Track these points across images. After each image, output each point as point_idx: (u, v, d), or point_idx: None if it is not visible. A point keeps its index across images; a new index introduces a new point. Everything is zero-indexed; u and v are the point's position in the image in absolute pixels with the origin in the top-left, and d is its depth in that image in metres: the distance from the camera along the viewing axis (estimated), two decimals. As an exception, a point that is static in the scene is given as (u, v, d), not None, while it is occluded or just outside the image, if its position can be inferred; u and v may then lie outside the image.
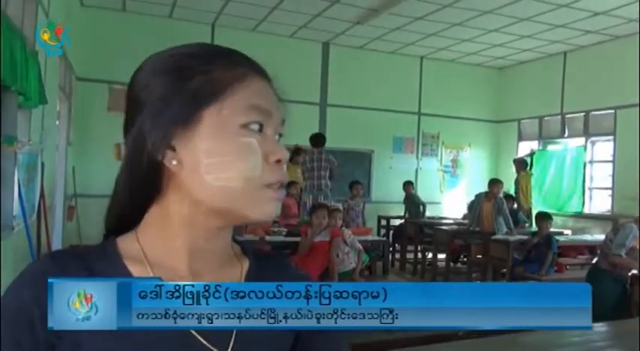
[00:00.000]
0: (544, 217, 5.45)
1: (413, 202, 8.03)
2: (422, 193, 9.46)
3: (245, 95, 0.61)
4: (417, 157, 9.63)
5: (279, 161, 0.61)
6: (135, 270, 0.60)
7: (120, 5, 7.47)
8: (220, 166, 0.58)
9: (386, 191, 9.19)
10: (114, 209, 0.64)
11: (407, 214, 8.08)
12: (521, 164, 8.22)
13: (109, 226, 0.64)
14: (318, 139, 6.63)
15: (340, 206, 5.95)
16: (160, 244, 0.62)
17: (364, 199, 7.27)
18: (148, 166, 0.59)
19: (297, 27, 8.15)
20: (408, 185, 8.20)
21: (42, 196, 4.49)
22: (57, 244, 5.84)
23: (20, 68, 3.17)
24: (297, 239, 4.76)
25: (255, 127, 0.60)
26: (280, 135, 0.65)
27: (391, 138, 9.38)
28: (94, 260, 0.59)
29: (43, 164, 4.56)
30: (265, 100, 0.62)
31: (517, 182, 8.12)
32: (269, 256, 0.75)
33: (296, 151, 6.70)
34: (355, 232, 5.05)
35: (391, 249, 7.30)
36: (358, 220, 6.68)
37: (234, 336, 0.61)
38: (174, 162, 0.59)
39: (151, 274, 0.59)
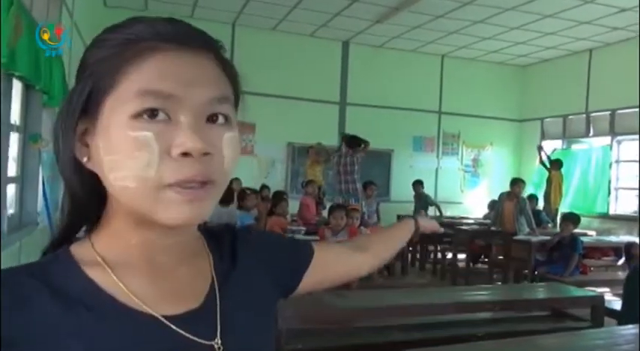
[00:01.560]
0: (571, 219, 5.35)
1: (422, 202, 7.89)
2: (442, 193, 9.38)
3: (138, 79, 0.52)
4: (438, 156, 9.55)
5: (185, 154, 0.51)
6: (95, 275, 0.54)
7: (142, 6, 7.58)
8: (114, 165, 0.52)
9: (406, 190, 9.10)
10: (67, 217, 0.59)
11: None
12: (556, 164, 8.09)
13: (58, 236, 0.59)
14: (351, 141, 6.53)
15: (360, 206, 5.94)
16: (116, 245, 0.57)
17: (379, 199, 7.22)
18: (70, 163, 0.55)
19: (317, 26, 8.15)
20: (417, 185, 8.07)
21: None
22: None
23: (44, 68, 3.23)
24: (315, 238, 4.77)
25: (148, 116, 0.51)
26: (217, 117, 0.54)
27: (411, 137, 9.32)
28: (50, 274, 0.53)
29: (66, 162, 4.65)
30: (168, 81, 0.51)
31: (549, 181, 7.97)
32: (216, 231, 0.69)
33: (317, 151, 6.65)
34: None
35: (410, 249, 7.24)
36: (372, 220, 6.63)
37: (219, 326, 0.58)
38: (84, 158, 0.55)
39: (113, 277, 0.55)
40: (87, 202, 0.58)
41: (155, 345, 0.53)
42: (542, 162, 8.25)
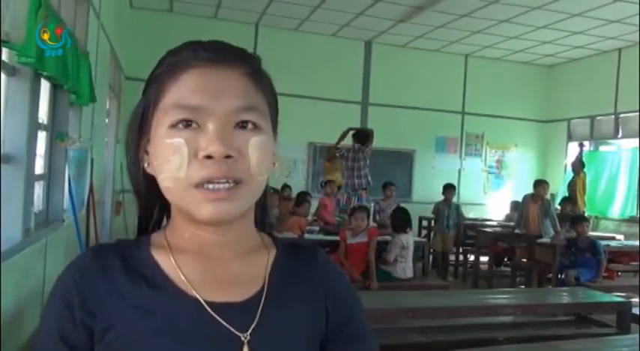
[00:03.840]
0: (580, 220, 5.23)
1: (451, 211, 6.83)
2: (464, 194, 9.28)
3: (175, 94, 0.61)
4: (460, 157, 9.44)
5: (209, 157, 0.58)
6: (159, 257, 0.65)
7: (167, 6, 7.68)
8: (159, 168, 0.61)
9: (428, 192, 9.03)
10: (138, 212, 0.71)
11: (437, 224, 6.93)
12: (579, 166, 7.92)
13: (138, 228, 0.71)
14: (360, 136, 6.54)
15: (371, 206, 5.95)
16: (177, 236, 0.66)
17: (400, 199, 7.16)
18: (134, 168, 0.67)
19: (340, 26, 8.14)
20: (450, 189, 6.99)
21: (91, 191, 4.67)
22: (105, 237, 6.06)
23: (72, 68, 3.30)
24: (334, 238, 4.77)
25: (183, 125, 0.59)
26: (246, 124, 0.61)
27: (434, 138, 9.23)
28: (128, 250, 0.65)
29: (92, 160, 4.74)
30: (198, 94, 0.60)
31: (574, 184, 7.81)
32: (300, 246, 0.74)
33: (331, 151, 6.65)
34: (383, 234, 4.95)
35: (432, 250, 7.17)
36: (389, 221, 6.58)
37: (255, 322, 0.62)
38: (146, 164, 0.65)
39: (172, 261, 0.64)
40: (151, 200, 0.68)
41: (191, 324, 0.60)
42: (579, 162, 8.05)
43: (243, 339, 0.61)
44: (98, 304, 0.60)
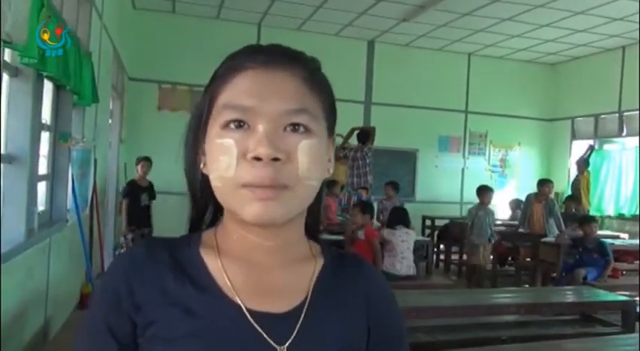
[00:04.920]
0: (588, 221, 5.21)
1: (490, 217, 5.97)
2: (468, 194, 9.24)
3: (228, 95, 0.61)
4: (464, 156, 9.42)
5: (257, 159, 0.57)
6: (207, 258, 0.65)
7: (170, 7, 7.69)
8: (210, 167, 0.62)
9: (431, 191, 9.03)
10: (191, 211, 0.71)
11: (474, 233, 5.88)
12: (584, 164, 7.89)
13: (190, 225, 0.71)
14: (361, 135, 6.55)
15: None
16: (226, 237, 0.67)
17: (404, 199, 7.15)
18: (191, 167, 0.67)
19: (343, 25, 8.13)
20: (486, 192, 6.01)
21: (94, 190, 4.68)
22: (109, 238, 6.07)
23: (74, 68, 3.31)
24: (338, 238, 4.79)
25: (234, 125, 0.60)
26: (298, 126, 0.60)
27: (437, 137, 9.21)
28: (179, 247, 0.66)
29: (96, 160, 4.75)
30: (249, 96, 0.60)
31: (578, 183, 7.78)
32: (347, 257, 0.74)
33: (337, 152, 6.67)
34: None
35: (435, 250, 7.16)
36: None
37: (294, 334, 0.61)
38: (202, 164, 0.66)
39: (218, 261, 0.64)
40: (205, 201, 0.69)
41: (229, 331, 0.60)
42: (585, 160, 8.02)
43: None
44: (143, 297, 0.61)
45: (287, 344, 0.60)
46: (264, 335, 0.60)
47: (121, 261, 0.65)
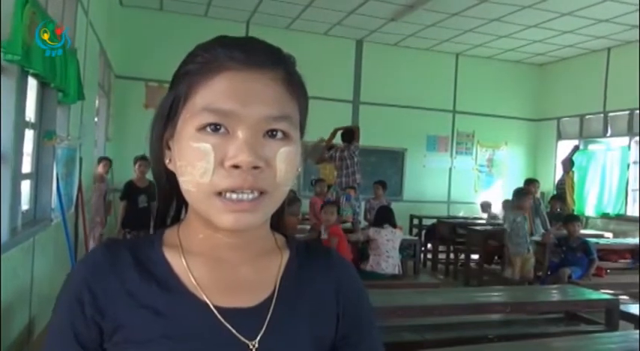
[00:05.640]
0: (571, 220, 5.26)
1: (527, 223, 5.32)
2: (455, 193, 9.32)
3: (205, 96, 0.58)
4: (451, 156, 9.47)
5: (236, 166, 0.56)
6: (170, 257, 0.64)
7: (157, 5, 7.62)
8: (182, 170, 0.60)
9: (419, 190, 9.07)
10: (158, 205, 0.71)
11: (512, 243, 5.19)
12: (569, 164, 7.97)
13: (156, 220, 0.71)
14: (345, 134, 6.56)
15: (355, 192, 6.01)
16: (191, 236, 0.65)
17: (391, 198, 7.17)
18: (157, 163, 0.66)
19: (331, 24, 8.13)
20: (527, 197, 5.27)
21: (80, 190, 4.62)
22: (94, 237, 6.00)
23: (60, 66, 3.27)
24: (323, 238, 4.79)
25: (211, 129, 0.57)
26: (276, 132, 0.59)
27: (425, 136, 9.26)
28: (140, 248, 0.65)
29: (81, 159, 4.70)
30: (229, 99, 0.57)
31: (563, 182, 7.86)
32: (314, 248, 0.73)
33: (314, 148, 6.66)
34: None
35: (423, 249, 7.19)
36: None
37: (264, 329, 0.61)
38: (167, 160, 0.64)
39: (183, 262, 0.63)
40: (170, 195, 0.68)
41: (198, 328, 0.59)
42: (568, 160, 8.10)
43: (251, 346, 0.60)
44: (108, 302, 0.60)
45: (258, 339, 0.60)
46: (234, 331, 0.60)
47: (82, 268, 0.63)
